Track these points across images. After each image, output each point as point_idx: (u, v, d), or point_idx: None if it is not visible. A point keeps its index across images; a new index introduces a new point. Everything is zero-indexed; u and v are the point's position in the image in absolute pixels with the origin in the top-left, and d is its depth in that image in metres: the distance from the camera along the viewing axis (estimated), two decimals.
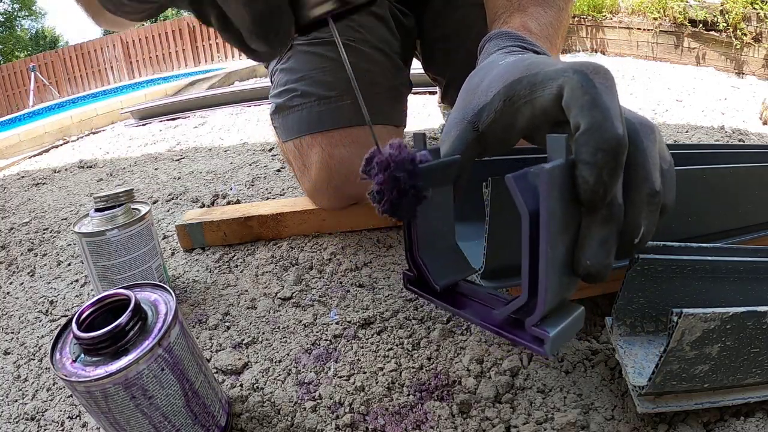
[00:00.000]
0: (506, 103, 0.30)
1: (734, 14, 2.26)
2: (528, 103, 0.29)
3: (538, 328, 0.26)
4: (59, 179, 1.39)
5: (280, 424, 0.43)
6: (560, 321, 0.26)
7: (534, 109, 0.28)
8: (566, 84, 0.26)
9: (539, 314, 0.26)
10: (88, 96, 5.04)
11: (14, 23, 14.70)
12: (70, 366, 0.34)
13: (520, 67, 0.30)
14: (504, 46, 0.39)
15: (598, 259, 0.25)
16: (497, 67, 0.34)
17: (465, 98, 0.34)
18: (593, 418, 0.41)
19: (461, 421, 0.42)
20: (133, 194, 0.61)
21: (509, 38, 0.40)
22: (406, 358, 0.50)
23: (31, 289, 0.74)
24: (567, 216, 0.25)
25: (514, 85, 0.30)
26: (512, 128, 0.31)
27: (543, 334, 0.26)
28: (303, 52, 0.69)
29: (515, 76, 0.30)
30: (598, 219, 0.25)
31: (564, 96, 0.26)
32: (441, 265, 0.34)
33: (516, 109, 0.30)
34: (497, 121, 0.31)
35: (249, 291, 0.65)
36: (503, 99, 0.30)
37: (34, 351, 0.58)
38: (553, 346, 0.26)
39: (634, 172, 0.26)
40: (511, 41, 0.40)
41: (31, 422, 0.47)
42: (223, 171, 1.24)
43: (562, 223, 0.25)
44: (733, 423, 0.39)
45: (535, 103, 0.28)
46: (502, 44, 0.40)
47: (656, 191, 0.26)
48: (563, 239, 0.25)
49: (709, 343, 0.34)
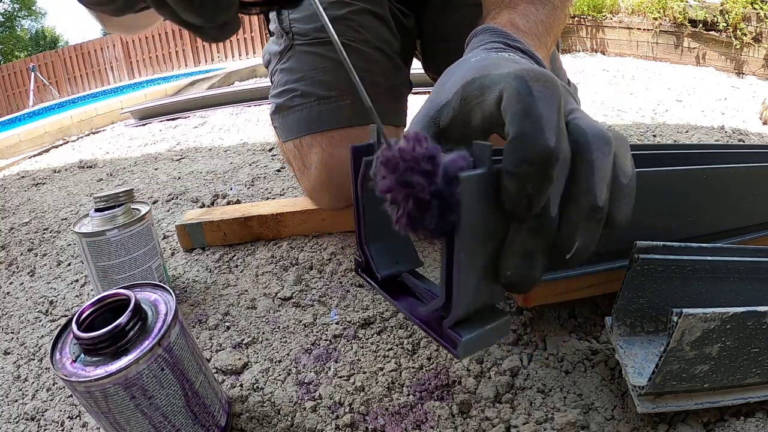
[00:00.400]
0: (462, 102, 0.30)
1: (734, 14, 2.26)
2: (478, 105, 0.29)
3: (453, 331, 0.26)
4: (59, 179, 1.39)
5: (280, 424, 0.43)
6: (478, 327, 0.26)
7: (483, 111, 0.28)
8: (505, 90, 0.26)
9: (453, 318, 0.26)
10: (88, 96, 5.04)
11: (14, 23, 14.70)
12: (70, 366, 0.34)
13: (477, 68, 0.31)
14: (486, 42, 0.39)
15: (519, 270, 0.25)
16: (466, 64, 0.34)
17: (433, 94, 0.34)
18: (593, 418, 0.41)
19: (461, 421, 0.42)
20: (133, 194, 0.61)
21: (493, 34, 0.40)
22: (406, 358, 0.50)
23: (31, 289, 0.74)
24: (492, 224, 0.24)
25: (468, 86, 0.29)
26: (469, 126, 0.30)
27: (456, 337, 0.26)
28: (303, 52, 0.69)
29: (471, 76, 0.30)
30: (523, 230, 0.24)
31: (502, 102, 0.26)
32: (387, 255, 0.35)
33: (470, 110, 0.29)
34: (455, 119, 0.31)
35: (249, 291, 0.65)
36: (460, 98, 0.30)
37: (34, 351, 0.58)
38: (465, 350, 0.26)
39: (574, 184, 0.25)
40: (495, 37, 0.40)
41: (31, 422, 0.47)
42: (223, 171, 1.24)
43: (483, 231, 0.24)
44: (733, 423, 0.39)
45: (483, 106, 0.28)
46: (485, 40, 0.40)
47: (597, 206, 0.25)
48: (487, 246, 0.25)
49: (709, 343, 0.34)
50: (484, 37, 0.40)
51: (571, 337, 0.50)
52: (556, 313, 0.54)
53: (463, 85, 0.30)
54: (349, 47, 0.68)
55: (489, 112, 0.27)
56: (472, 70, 0.31)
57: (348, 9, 0.69)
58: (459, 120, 0.30)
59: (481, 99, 0.28)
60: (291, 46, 0.70)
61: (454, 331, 0.26)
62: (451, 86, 0.32)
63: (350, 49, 0.68)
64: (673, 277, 0.39)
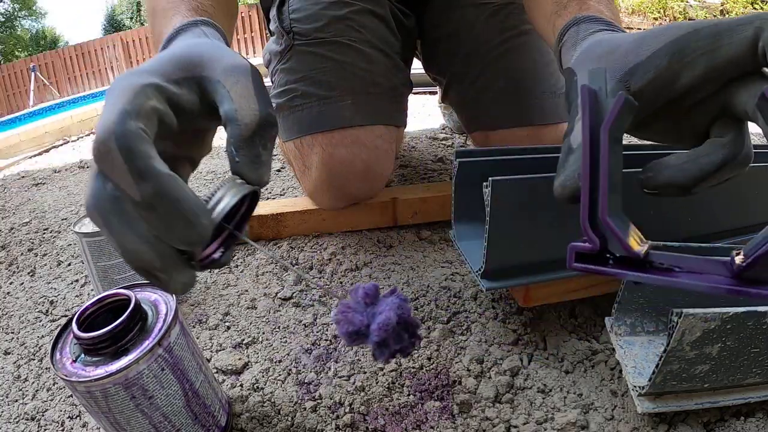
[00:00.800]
0: (673, 57, 0.29)
1: (734, 14, 2.26)
2: (706, 55, 0.28)
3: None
4: (59, 179, 1.39)
5: (280, 424, 0.43)
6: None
7: (714, 59, 0.28)
8: (766, 26, 0.26)
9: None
10: (88, 96, 5.03)
11: (14, 23, 14.71)
12: (70, 366, 0.34)
13: (684, 26, 0.30)
14: (602, 29, 0.39)
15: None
16: (629, 36, 0.33)
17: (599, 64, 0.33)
18: (593, 418, 0.41)
19: (461, 421, 0.42)
20: None
21: (602, 23, 0.39)
22: (406, 358, 0.50)
23: (31, 289, 0.74)
24: None
25: (686, 39, 0.29)
26: (671, 85, 0.30)
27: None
28: (303, 52, 0.69)
29: (684, 31, 0.29)
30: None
31: (763, 37, 0.26)
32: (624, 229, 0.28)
33: (685, 64, 0.29)
34: (656, 79, 0.30)
35: (249, 291, 0.65)
36: (669, 54, 0.29)
37: (34, 351, 0.58)
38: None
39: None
40: (605, 25, 0.39)
41: (31, 422, 0.47)
42: (223, 171, 1.24)
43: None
44: (733, 423, 0.39)
45: (717, 53, 0.28)
46: (598, 27, 0.39)
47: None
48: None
49: (709, 343, 0.34)
50: (596, 25, 0.39)
51: (571, 337, 0.50)
52: (556, 313, 0.54)
53: (677, 39, 0.29)
54: (349, 47, 0.68)
55: (728, 56, 0.27)
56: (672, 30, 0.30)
57: (349, 9, 0.69)
58: (662, 79, 0.30)
59: (712, 47, 0.28)
60: (291, 46, 0.70)
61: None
62: (634, 50, 0.31)
63: (351, 49, 0.68)
64: None
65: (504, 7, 0.76)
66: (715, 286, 0.25)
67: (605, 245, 0.28)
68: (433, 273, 0.65)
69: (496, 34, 0.75)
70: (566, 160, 0.31)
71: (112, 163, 0.25)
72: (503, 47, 0.75)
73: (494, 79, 0.75)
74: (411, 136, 1.31)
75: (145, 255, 0.26)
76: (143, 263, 0.27)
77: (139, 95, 0.27)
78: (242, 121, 0.29)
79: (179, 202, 0.25)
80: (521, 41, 0.75)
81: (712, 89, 0.29)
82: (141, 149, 0.25)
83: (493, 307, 0.56)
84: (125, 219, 0.26)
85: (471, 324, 0.54)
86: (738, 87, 0.28)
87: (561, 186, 0.31)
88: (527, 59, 0.75)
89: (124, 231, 0.26)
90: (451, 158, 0.75)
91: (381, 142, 0.69)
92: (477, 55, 0.77)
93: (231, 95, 0.30)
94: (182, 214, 0.25)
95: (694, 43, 0.28)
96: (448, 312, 0.56)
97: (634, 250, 0.27)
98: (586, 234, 0.28)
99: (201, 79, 0.30)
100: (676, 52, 0.29)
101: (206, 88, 0.30)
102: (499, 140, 0.76)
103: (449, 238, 0.73)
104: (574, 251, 0.29)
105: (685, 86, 0.29)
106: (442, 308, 0.57)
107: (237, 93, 0.30)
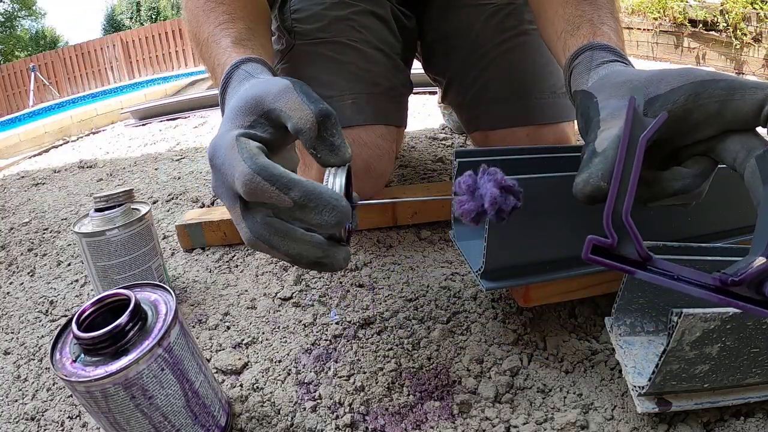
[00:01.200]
0: (690, 98, 0.32)
1: (734, 14, 2.26)
2: (719, 103, 0.31)
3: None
4: (59, 179, 1.39)
5: (280, 424, 0.43)
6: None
7: (724, 109, 0.31)
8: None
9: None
10: (88, 96, 5.03)
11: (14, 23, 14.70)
12: (70, 366, 0.34)
13: (703, 73, 0.33)
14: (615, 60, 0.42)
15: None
16: (643, 71, 0.37)
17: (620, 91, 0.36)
18: (593, 418, 0.41)
19: (461, 421, 0.42)
20: (133, 194, 0.61)
21: (615, 54, 0.43)
22: (406, 358, 0.50)
23: (31, 289, 0.74)
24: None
25: (706, 84, 0.32)
26: (682, 122, 0.33)
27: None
28: (304, 52, 0.69)
29: (704, 77, 0.33)
30: None
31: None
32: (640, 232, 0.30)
33: (698, 106, 0.32)
34: (671, 113, 0.33)
35: (249, 291, 0.65)
36: (687, 94, 0.32)
37: (34, 351, 0.58)
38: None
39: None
40: (618, 57, 0.42)
41: (31, 422, 0.47)
42: None
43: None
44: (733, 423, 0.39)
45: (728, 104, 0.31)
46: (612, 57, 0.42)
47: None
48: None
49: (709, 343, 0.34)
50: (608, 54, 0.42)
51: (571, 337, 0.50)
52: (556, 313, 0.54)
53: (699, 83, 0.32)
54: (350, 47, 0.68)
55: (736, 110, 0.31)
56: (693, 74, 0.33)
57: (350, 9, 0.69)
58: (676, 114, 0.33)
59: (726, 98, 0.31)
60: (293, 45, 0.70)
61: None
62: (656, 82, 0.34)
63: (351, 49, 0.68)
64: None
65: (504, 8, 0.76)
66: (708, 294, 0.27)
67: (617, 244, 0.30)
68: (433, 273, 0.65)
69: (495, 34, 0.75)
70: (591, 161, 0.33)
71: (263, 190, 0.32)
72: (503, 47, 0.75)
73: (494, 79, 0.75)
74: (411, 136, 1.31)
75: (309, 252, 0.35)
76: (310, 258, 0.35)
77: (242, 143, 0.34)
78: (304, 126, 0.35)
79: (321, 194, 0.32)
80: (521, 41, 0.75)
81: (710, 134, 0.33)
82: (277, 171, 0.32)
83: (493, 307, 0.56)
84: (283, 235, 0.34)
85: (471, 324, 0.54)
86: (734, 138, 0.32)
87: (583, 182, 0.33)
88: (527, 59, 0.75)
89: (286, 243, 0.34)
90: (451, 158, 0.75)
91: (381, 141, 0.69)
92: (476, 55, 0.77)
93: (288, 113, 0.36)
94: (327, 201, 0.32)
95: (711, 90, 0.32)
96: (448, 312, 0.56)
97: (647, 252, 0.29)
98: (607, 230, 0.29)
99: (265, 114, 0.37)
100: (693, 94, 0.32)
101: (272, 118, 0.37)
102: (498, 140, 0.76)
103: (449, 238, 0.73)
104: (592, 243, 0.30)
105: (691, 125, 0.33)
106: (442, 308, 0.57)
107: (290, 108, 0.36)
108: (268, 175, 0.32)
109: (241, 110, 0.37)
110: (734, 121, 0.31)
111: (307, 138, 0.35)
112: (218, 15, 0.53)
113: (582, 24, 0.47)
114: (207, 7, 0.54)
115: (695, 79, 0.33)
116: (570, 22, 0.48)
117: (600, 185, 0.32)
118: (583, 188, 0.33)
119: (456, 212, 0.35)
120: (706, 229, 0.53)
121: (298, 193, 0.32)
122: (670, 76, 0.34)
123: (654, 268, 0.30)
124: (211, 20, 0.53)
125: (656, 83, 0.34)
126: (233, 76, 0.45)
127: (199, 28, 0.54)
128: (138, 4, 14.37)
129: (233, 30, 0.51)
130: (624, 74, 0.38)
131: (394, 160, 0.75)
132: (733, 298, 0.27)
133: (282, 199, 0.32)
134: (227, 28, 0.51)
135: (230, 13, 0.53)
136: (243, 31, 0.52)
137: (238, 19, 0.53)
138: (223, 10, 0.53)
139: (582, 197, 0.33)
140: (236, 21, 0.53)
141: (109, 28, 14.80)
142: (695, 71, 0.34)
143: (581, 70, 0.43)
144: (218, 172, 0.36)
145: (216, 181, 0.37)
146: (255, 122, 0.37)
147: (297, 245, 0.34)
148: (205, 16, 0.54)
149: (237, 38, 0.50)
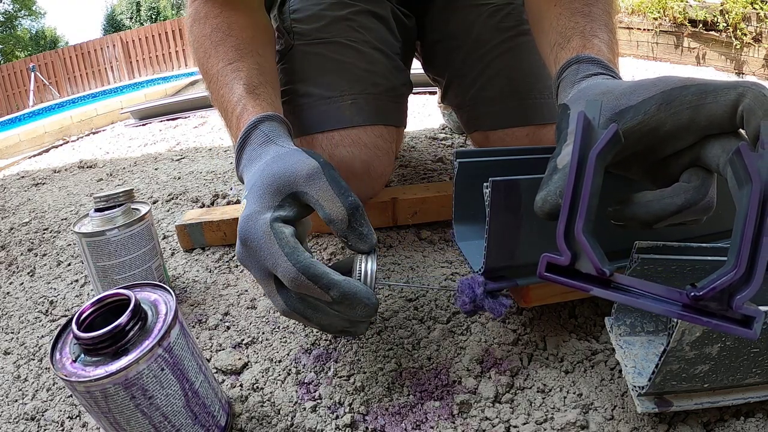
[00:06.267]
0: (662, 107, 0.32)
1: (734, 14, 2.26)
2: (691, 109, 0.31)
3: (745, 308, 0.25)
4: (59, 179, 1.39)
5: (280, 424, 0.43)
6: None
7: (697, 114, 0.30)
8: (746, 94, 0.28)
9: (753, 290, 0.24)
10: (88, 96, 5.03)
11: (14, 23, 14.70)
12: (70, 366, 0.34)
13: (675, 80, 0.33)
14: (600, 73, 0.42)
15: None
16: (624, 83, 0.37)
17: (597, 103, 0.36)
18: (593, 418, 0.41)
19: (461, 421, 0.42)
20: (133, 194, 0.61)
21: (601, 66, 0.43)
22: (406, 358, 0.50)
23: (31, 289, 0.74)
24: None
25: (676, 92, 0.32)
26: (656, 131, 0.32)
27: (754, 312, 0.24)
28: (304, 52, 0.69)
29: (675, 84, 0.32)
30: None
31: (744, 103, 0.28)
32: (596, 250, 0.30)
33: (671, 114, 0.31)
34: (643, 123, 0.32)
35: (249, 291, 0.65)
36: (659, 103, 0.32)
37: (34, 351, 0.58)
38: (759, 326, 0.25)
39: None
40: (604, 69, 0.42)
41: (31, 422, 0.47)
42: (223, 171, 1.24)
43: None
44: (733, 423, 0.39)
45: (701, 109, 0.30)
46: (597, 70, 0.42)
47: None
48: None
49: (709, 343, 0.34)
50: (594, 67, 0.42)
51: (571, 337, 0.50)
52: (556, 313, 0.54)
53: (669, 91, 0.32)
54: (350, 47, 0.68)
55: (709, 114, 0.30)
56: (665, 82, 0.33)
57: (349, 9, 0.69)
58: (648, 124, 0.32)
59: (698, 103, 0.30)
60: (292, 46, 0.70)
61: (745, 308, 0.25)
62: (628, 94, 0.34)
63: (351, 50, 0.68)
64: (673, 277, 0.39)
65: (503, 8, 0.76)
66: (668, 310, 0.27)
67: (575, 261, 0.30)
68: (433, 273, 0.65)
69: (495, 34, 0.75)
70: (550, 178, 0.34)
71: (307, 287, 0.37)
72: (502, 47, 0.75)
73: (494, 79, 0.75)
74: (411, 136, 1.31)
75: (338, 325, 0.40)
76: (338, 329, 0.41)
77: (279, 233, 0.37)
78: (336, 218, 0.39)
79: (356, 294, 0.37)
80: (520, 41, 0.75)
81: (690, 141, 0.32)
82: (318, 271, 0.36)
83: None
84: (316, 310, 0.39)
85: (471, 324, 0.54)
86: (713, 143, 0.31)
87: (542, 200, 0.33)
88: (527, 59, 0.75)
89: (319, 317, 0.39)
90: (451, 158, 0.75)
91: (381, 142, 0.69)
92: (476, 55, 0.77)
93: (320, 202, 0.39)
94: (360, 300, 0.38)
95: (682, 97, 0.31)
96: (448, 312, 0.56)
97: (601, 267, 0.29)
98: (560, 247, 0.30)
99: (293, 195, 0.40)
100: (664, 102, 0.32)
101: (300, 198, 0.40)
102: (498, 140, 0.76)
103: (449, 238, 0.73)
104: (546, 261, 0.30)
105: (667, 134, 0.32)
106: (442, 308, 0.57)
107: (322, 198, 0.39)
108: (311, 275, 0.36)
109: (269, 190, 0.40)
110: (710, 126, 0.31)
111: (338, 228, 0.39)
112: (227, 51, 0.53)
113: (573, 37, 0.47)
114: (215, 38, 0.54)
115: (666, 87, 0.32)
116: (562, 35, 0.48)
117: (558, 202, 0.32)
118: (542, 206, 0.33)
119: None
120: (706, 229, 0.53)
121: (337, 293, 0.37)
122: (643, 86, 0.34)
123: (617, 283, 0.30)
124: (220, 55, 0.53)
125: (629, 94, 0.34)
126: (251, 135, 0.47)
127: (207, 60, 0.54)
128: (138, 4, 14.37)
129: (244, 72, 0.52)
130: (601, 86, 0.37)
131: (394, 160, 0.75)
132: (700, 314, 0.26)
133: (323, 296, 0.37)
134: (238, 69, 0.52)
135: (239, 49, 0.54)
136: (254, 72, 0.53)
137: (246, 54, 0.54)
138: (232, 45, 0.54)
139: (542, 215, 0.34)
140: (245, 58, 0.53)
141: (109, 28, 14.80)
142: (669, 79, 0.33)
143: (566, 83, 0.43)
144: (252, 252, 0.39)
145: (247, 257, 0.40)
146: (283, 201, 0.40)
147: (328, 318, 0.39)
148: (213, 48, 0.54)
149: (249, 84, 0.52)
